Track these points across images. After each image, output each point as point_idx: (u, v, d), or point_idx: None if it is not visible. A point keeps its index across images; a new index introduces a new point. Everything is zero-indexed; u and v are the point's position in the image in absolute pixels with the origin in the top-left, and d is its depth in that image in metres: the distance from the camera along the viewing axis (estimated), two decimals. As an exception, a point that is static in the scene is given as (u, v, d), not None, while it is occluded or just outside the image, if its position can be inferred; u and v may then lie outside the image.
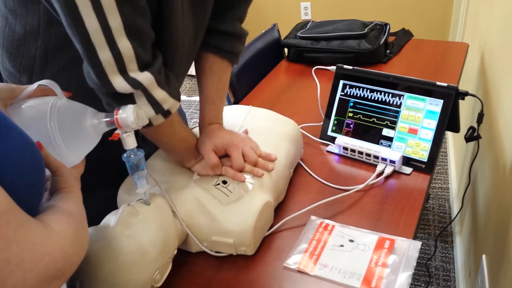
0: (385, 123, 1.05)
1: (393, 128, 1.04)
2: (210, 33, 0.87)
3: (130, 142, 0.66)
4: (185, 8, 0.74)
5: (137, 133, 0.67)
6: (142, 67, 0.67)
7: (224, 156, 0.86)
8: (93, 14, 0.59)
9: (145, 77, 0.67)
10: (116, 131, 0.64)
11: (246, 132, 0.95)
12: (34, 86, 0.61)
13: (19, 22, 0.74)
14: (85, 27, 0.60)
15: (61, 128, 0.57)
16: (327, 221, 0.87)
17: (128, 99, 0.68)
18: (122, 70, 0.65)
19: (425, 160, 0.99)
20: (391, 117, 1.04)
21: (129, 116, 0.62)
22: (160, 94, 0.70)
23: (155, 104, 0.70)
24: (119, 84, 0.65)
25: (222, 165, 0.85)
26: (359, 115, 1.08)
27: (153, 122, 0.72)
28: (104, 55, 0.62)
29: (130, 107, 0.63)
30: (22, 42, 0.76)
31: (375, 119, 1.06)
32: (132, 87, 0.66)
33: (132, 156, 0.68)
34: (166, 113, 0.73)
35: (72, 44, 0.64)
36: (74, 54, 0.66)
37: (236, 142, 0.86)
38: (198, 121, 0.92)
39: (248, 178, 0.83)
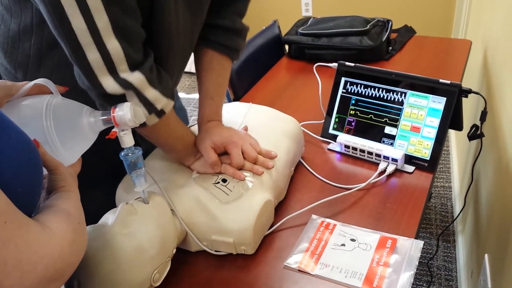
0: (387, 121, 1.04)
1: (396, 126, 1.03)
2: (210, 28, 0.85)
3: (127, 140, 0.65)
4: (179, 6, 0.72)
5: (133, 130, 0.66)
6: (132, 67, 0.65)
7: (223, 153, 0.85)
8: (79, 15, 0.57)
9: (136, 78, 0.66)
10: (113, 130, 0.63)
11: (245, 129, 0.94)
12: (31, 84, 0.61)
13: (14, 20, 0.74)
14: (71, 28, 0.58)
15: (56, 126, 0.57)
16: (328, 220, 0.86)
17: (120, 100, 0.66)
18: (112, 71, 0.64)
19: (428, 159, 0.98)
20: (393, 115, 1.03)
21: (126, 114, 0.62)
22: (152, 93, 0.69)
23: (147, 104, 0.69)
24: (109, 85, 0.64)
25: (222, 163, 0.84)
26: (361, 113, 1.07)
27: (147, 122, 0.71)
28: (93, 56, 0.61)
29: (127, 105, 0.62)
30: (17, 39, 0.75)
31: (377, 117, 1.05)
32: (123, 88, 0.65)
33: (129, 154, 0.67)
34: (159, 113, 0.72)
35: None
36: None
37: (236, 140, 0.85)
38: (197, 119, 0.91)
39: (248, 176, 0.82)
